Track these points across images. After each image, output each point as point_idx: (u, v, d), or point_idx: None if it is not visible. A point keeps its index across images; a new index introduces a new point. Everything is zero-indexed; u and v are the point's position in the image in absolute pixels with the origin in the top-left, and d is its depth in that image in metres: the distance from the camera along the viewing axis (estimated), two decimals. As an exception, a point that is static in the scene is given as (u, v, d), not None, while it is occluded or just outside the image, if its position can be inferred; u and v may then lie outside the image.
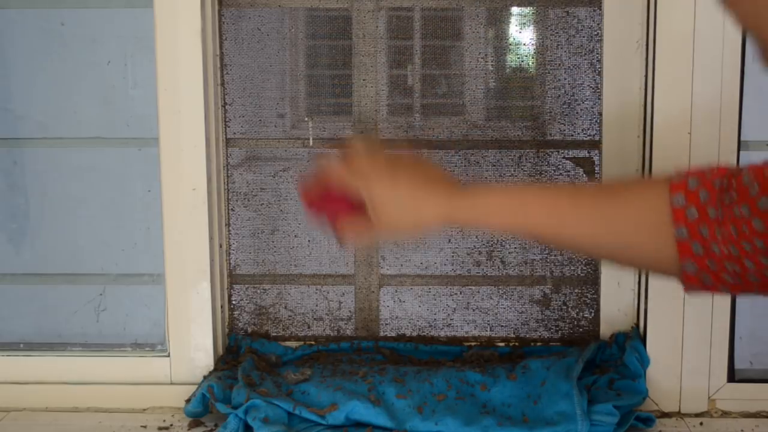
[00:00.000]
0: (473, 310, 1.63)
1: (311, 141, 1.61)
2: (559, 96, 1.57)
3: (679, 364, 1.48)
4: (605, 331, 1.59)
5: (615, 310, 1.58)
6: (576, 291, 1.61)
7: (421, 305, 1.64)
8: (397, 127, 1.60)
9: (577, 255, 1.59)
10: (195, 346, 1.55)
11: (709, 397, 1.48)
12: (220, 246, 1.60)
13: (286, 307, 1.64)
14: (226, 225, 1.62)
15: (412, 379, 1.45)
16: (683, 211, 0.90)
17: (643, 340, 1.51)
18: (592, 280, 1.60)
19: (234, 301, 1.64)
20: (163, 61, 1.49)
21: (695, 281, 0.92)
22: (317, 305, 1.64)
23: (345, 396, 1.39)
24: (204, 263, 1.53)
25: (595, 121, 1.57)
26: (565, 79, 1.57)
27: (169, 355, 1.55)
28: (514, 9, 1.58)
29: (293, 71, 1.61)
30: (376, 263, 1.63)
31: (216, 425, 1.43)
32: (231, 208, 1.62)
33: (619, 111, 1.52)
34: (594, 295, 1.60)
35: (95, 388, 1.54)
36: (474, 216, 1.05)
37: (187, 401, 1.45)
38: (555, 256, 1.60)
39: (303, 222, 1.63)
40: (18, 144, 1.59)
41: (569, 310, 1.61)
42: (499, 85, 1.60)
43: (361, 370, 1.50)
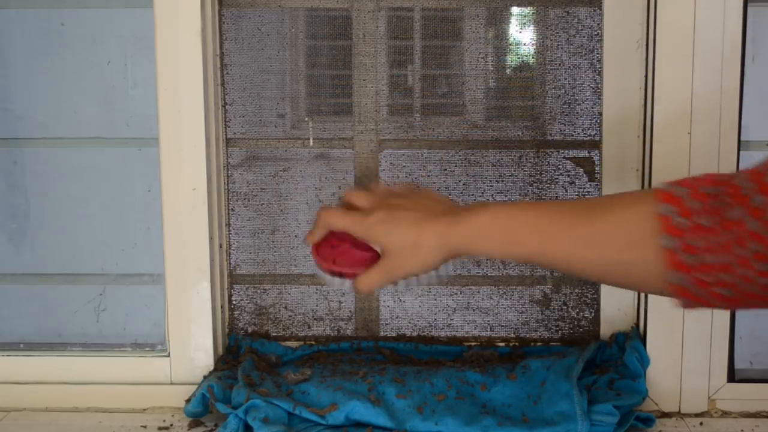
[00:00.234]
0: (473, 310, 1.63)
1: (311, 141, 1.61)
2: (559, 96, 1.57)
3: (679, 364, 1.48)
4: (605, 331, 1.59)
5: (615, 310, 1.58)
6: (576, 291, 1.61)
7: (421, 305, 1.64)
8: (397, 127, 1.60)
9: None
10: (195, 346, 1.55)
11: (709, 397, 1.48)
12: (220, 246, 1.60)
13: (286, 307, 1.65)
14: (226, 225, 1.62)
15: (412, 379, 1.45)
16: (669, 218, 0.86)
17: (643, 340, 1.51)
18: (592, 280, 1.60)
19: (234, 301, 1.64)
20: (163, 61, 1.49)
21: (687, 294, 0.88)
22: (317, 305, 1.64)
23: (345, 396, 1.39)
24: (204, 263, 1.53)
25: (595, 121, 1.57)
26: (565, 79, 1.57)
27: (169, 355, 1.56)
28: (514, 9, 1.58)
29: (293, 71, 1.61)
30: (376, 263, 1.63)
31: (216, 425, 1.43)
32: (231, 208, 1.62)
33: (619, 111, 1.52)
34: (594, 295, 1.60)
35: (95, 388, 1.54)
36: (467, 241, 1.03)
37: (187, 401, 1.45)
38: (555, 256, 1.60)
39: (303, 222, 1.63)
40: (18, 144, 1.59)
41: (569, 310, 1.61)
42: (499, 85, 1.60)
43: (361, 370, 1.50)
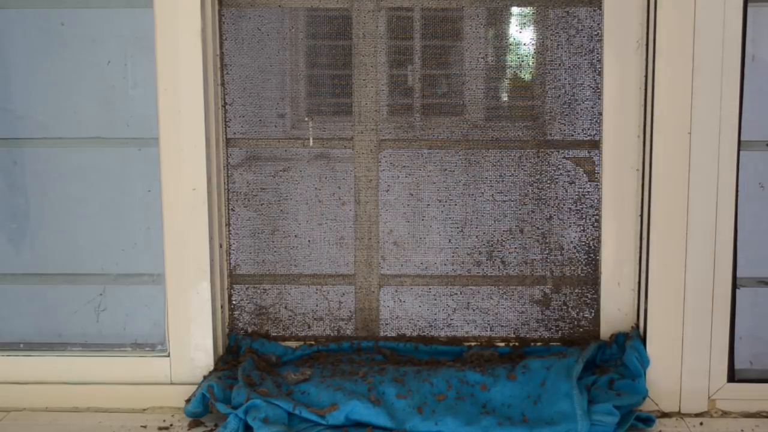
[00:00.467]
0: (473, 310, 1.63)
1: (311, 141, 1.61)
2: (559, 96, 1.57)
3: (679, 364, 1.48)
4: (605, 331, 1.59)
5: (615, 310, 1.58)
6: (576, 291, 1.61)
7: (421, 305, 1.64)
8: (397, 127, 1.60)
9: (576, 255, 1.59)
10: (195, 346, 1.55)
11: (709, 397, 1.48)
12: (220, 246, 1.60)
13: (286, 307, 1.64)
14: (226, 225, 1.62)
15: (412, 379, 1.45)
16: None
17: (643, 340, 1.51)
18: (592, 280, 1.60)
19: (234, 301, 1.64)
20: (163, 61, 1.49)
21: None
22: (317, 305, 1.64)
23: (345, 396, 1.39)
24: (204, 263, 1.53)
25: (595, 121, 1.57)
26: (565, 79, 1.57)
27: (169, 355, 1.55)
28: (514, 9, 1.58)
29: (293, 71, 1.61)
30: (376, 263, 1.63)
31: (216, 425, 1.43)
32: (231, 208, 1.62)
33: (619, 111, 1.52)
34: (594, 295, 1.60)
35: (95, 388, 1.54)
36: None
37: (187, 401, 1.45)
38: (555, 256, 1.61)
39: (303, 222, 1.63)
40: (18, 144, 1.59)
41: (569, 310, 1.61)
42: (499, 85, 1.60)
43: (361, 370, 1.50)
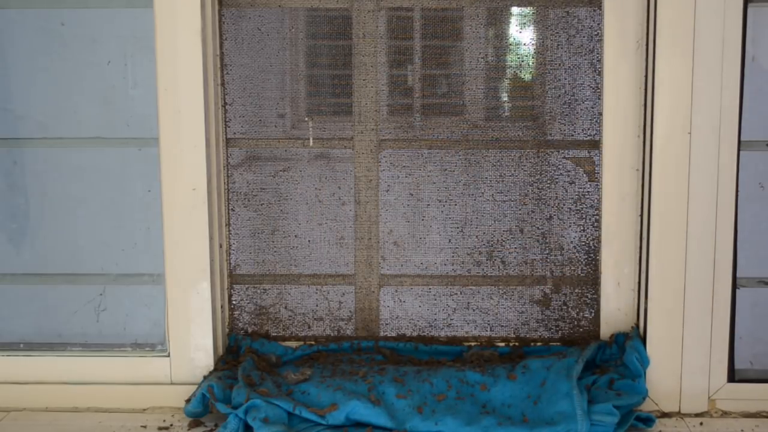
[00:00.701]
0: (473, 310, 1.63)
1: (311, 141, 1.61)
2: (559, 96, 1.57)
3: (679, 364, 1.48)
4: (605, 331, 1.59)
5: (615, 310, 1.58)
6: (576, 291, 1.61)
7: (421, 305, 1.64)
8: (397, 127, 1.60)
9: (576, 255, 1.59)
10: (195, 346, 1.55)
11: (709, 397, 1.48)
12: (220, 246, 1.60)
13: (286, 307, 1.64)
14: (226, 225, 1.62)
15: (412, 379, 1.45)
16: None
17: (643, 340, 1.51)
18: (592, 280, 1.60)
19: (234, 301, 1.64)
20: (163, 61, 1.49)
21: None
22: (317, 305, 1.64)
23: (345, 396, 1.39)
24: (204, 263, 1.53)
25: (595, 121, 1.57)
26: (565, 79, 1.57)
27: (169, 355, 1.55)
28: (514, 9, 1.58)
29: (293, 71, 1.61)
30: (376, 263, 1.63)
31: (216, 425, 1.43)
32: (231, 208, 1.62)
33: (619, 111, 1.52)
34: (594, 295, 1.60)
35: (95, 388, 1.54)
36: None
37: (187, 401, 1.45)
38: (555, 256, 1.61)
39: (303, 222, 1.63)
40: (18, 144, 1.59)
41: (569, 310, 1.61)
42: (499, 85, 1.60)
43: (361, 370, 1.50)
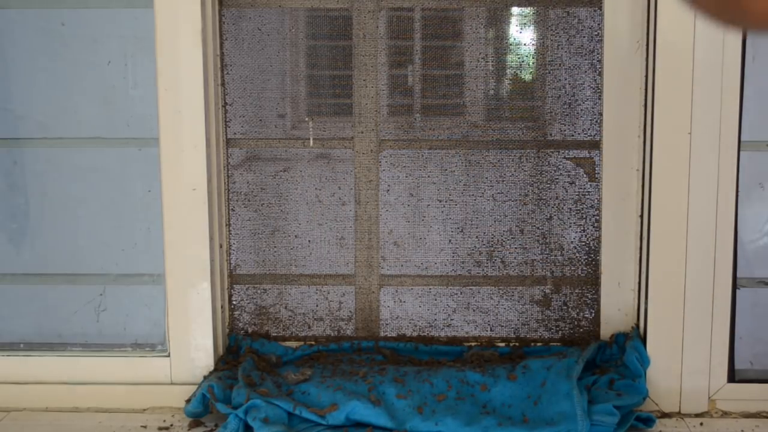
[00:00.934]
0: (473, 311, 1.63)
1: (311, 141, 1.61)
2: (559, 96, 1.57)
3: (679, 364, 1.48)
4: (605, 331, 1.59)
5: (615, 310, 1.58)
6: (576, 291, 1.61)
7: (421, 305, 1.64)
8: (398, 127, 1.60)
9: (576, 255, 1.59)
10: (195, 346, 1.54)
11: (709, 397, 1.48)
12: (220, 246, 1.60)
13: (286, 308, 1.64)
14: (227, 225, 1.62)
15: (412, 380, 1.45)
16: None
17: (643, 340, 1.51)
18: (592, 280, 1.60)
19: (234, 301, 1.64)
20: (164, 61, 1.49)
21: None
22: (317, 305, 1.64)
23: (345, 396, 1.39)
24: (204, 263, 1.53)
25: (596, 121, 1.57)
26: (565, 79, 1.57)
27: (169, 355, 1.55)
28: (514, 9, 1.58)
29: (293, 71, 1.61)
30: (377, 263, 1.63)
31: (216, 425, 1.42)
32: (231, 208, 1.62)
33: (619, 111, 1.52)
34: (594, 295, 1.60)
35: (95, 388, 1.54)
36: None
37: (188, 401, 1.45)
38: (555, 256, 1.60)
39: (303, 222, 1.62)
40: (18, 144, 1.59)
41: (569, 310, 1.61)
42: (499, 85, 1.60)
43: (362, 370, 1.50)
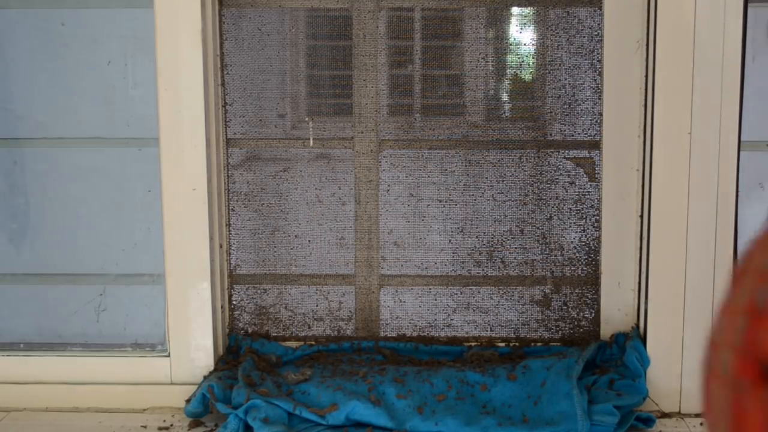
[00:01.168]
0: (473, 311, 1.63)
1: (311, 141, 1.61)
2: (559, 96, 1.57)
3: (679, 364, 1.48)
4: (605, 331, 1.59)
5: (615, 310, 1.58)
6: (576, 291, 1.61)
7: (421, 305, 1.64)
8: (398, 127, 1.60)
9: (576, 255, 1.59)
10: (195, 346, 1.54)
11: (709, 397, 1.48)
12: (221, 246, 1.60)
13: (286, 308, 1.64)
14: (227, 225, 1.62)
15: (412, 380, 1.45)
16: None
17: (643, 340, 1.51)
18: (592, 281, 1.60)
19: (234, 301, 1.64)
20: (164, 61, 1.49)
21: None
22: (317, 305, 1.64)
23: (345, 396, 1.39)
24: (204, 263, 1.53)
25: (596, 121, 1.57)
26: (565, 79, 1.57)
27: (169, 355, 1.55)
28: (514, 9, 1.58)
29: (294, 71, 1.61)
30: (377, 263, 1.63)
31: (216, 425, 1.42)
32: (231, 208, 1.62)
33: (619, 111, 1.52)
34: (594, 295, 1.60)
35: (95, 388, 1.54)
36: None
37: (188, 401, 1.45)
38: (555, 256, 1.60)
39: (303, 222, 1.62)
40: (18, 144, 1.59)
41: (569, 310, 1.61)
42: (499, 85, 1.60)
43: (362, 370, 1.50)
